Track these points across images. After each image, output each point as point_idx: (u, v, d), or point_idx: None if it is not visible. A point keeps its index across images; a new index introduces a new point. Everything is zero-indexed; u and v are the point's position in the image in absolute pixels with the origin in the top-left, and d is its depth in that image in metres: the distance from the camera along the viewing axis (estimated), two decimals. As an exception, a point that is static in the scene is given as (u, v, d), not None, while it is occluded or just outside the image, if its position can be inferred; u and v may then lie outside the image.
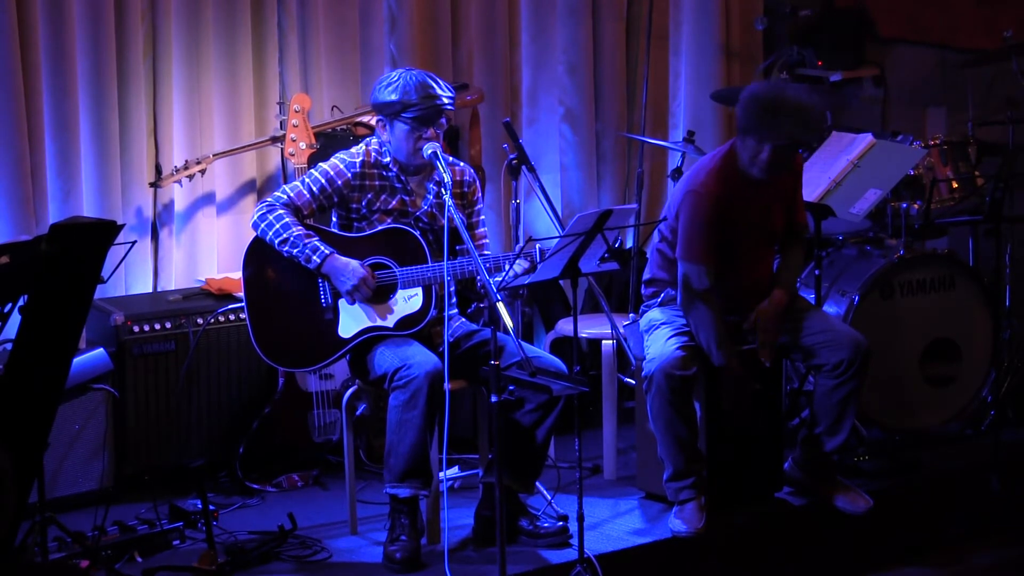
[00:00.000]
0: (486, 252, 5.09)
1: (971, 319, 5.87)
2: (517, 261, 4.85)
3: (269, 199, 4.96)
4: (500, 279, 4.64)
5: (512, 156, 5.29)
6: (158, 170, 5.82)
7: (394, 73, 4.97)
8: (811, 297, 5.51)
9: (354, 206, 5.00)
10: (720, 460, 5.17)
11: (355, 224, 5.01)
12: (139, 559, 4.84)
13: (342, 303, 4.93)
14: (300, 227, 4.90)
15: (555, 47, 6.63)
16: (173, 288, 5.82)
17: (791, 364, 5.58)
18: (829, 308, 5.68)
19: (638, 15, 6.77)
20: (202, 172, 5.73)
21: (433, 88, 4.91)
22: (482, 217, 5.17)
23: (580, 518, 4.60)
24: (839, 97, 6.96)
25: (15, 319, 3.91)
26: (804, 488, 5.30)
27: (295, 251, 4.87)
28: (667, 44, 6.91)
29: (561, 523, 4.97)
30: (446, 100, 4.93)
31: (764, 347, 5.08)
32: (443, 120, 4.97)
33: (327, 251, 4.88)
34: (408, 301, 4.92)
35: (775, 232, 5.19)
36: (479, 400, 5.30)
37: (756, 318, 5.09)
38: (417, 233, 4.94)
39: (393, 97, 4.90)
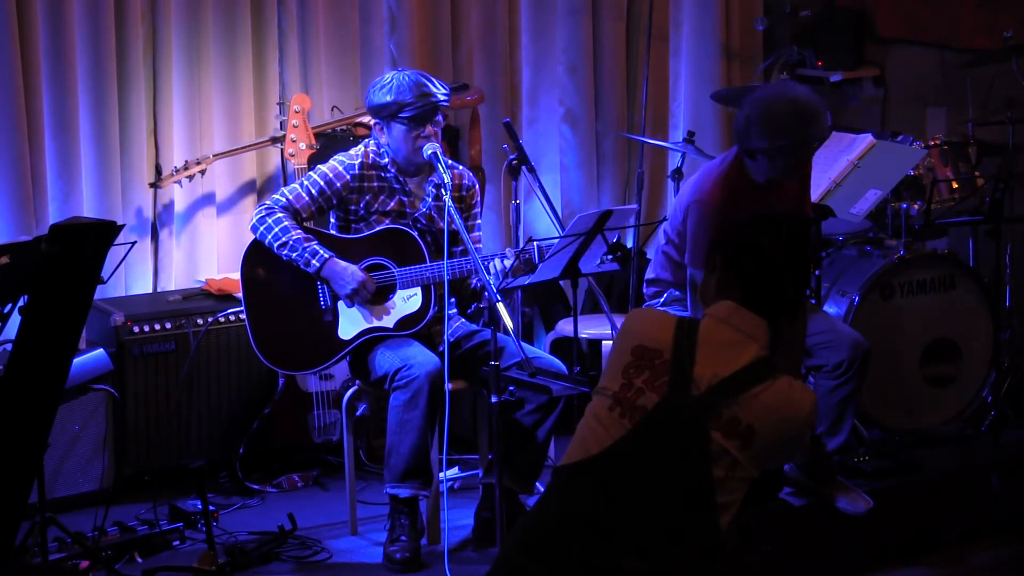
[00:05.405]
0: (479, 257, 5.09)
1: (971, 319, 5.86)
2: (504, 259, 4.82)
3: (268, 202, 4.96)
4: (495, 280, 4.64)
5: (512, 156, 5.27)
6: (158, 170, 5.82)
7: (387, 75, 4.96)
8: (811, 297, 5.50)
9: (352, 207, 4.99)
10: (720, 460, 5.16)
11: (353, 226, 5.01)
12: (139, 560, 4.85)
13: (341, 305, 4.93)
14: (299, 230, 4.89)
15: (555, 47, 6.62)
16: (173, 288, 5.82)
17: (791, 364, 5.57)
18: (829, 308, 5.67)
19: (638, 15, 6.76)
20: (202, 173, 5.73)
21: (427, 86, 4.91)
22: (478, 222, 5.16)
23: (580, 518, 4.60)
24: (839, 97, 6.95)
25: (15, 319, 3.91)
26: (804, 489, 5.28)
27: (294, 255, 4.87)
28: (667, 44, 6.90)
29: (561, 523, 4.96)
30: (441, 97, 4.92)
31: None
32: (440, 117, 4.96)
33: (326, 255, 4.87)
34: (407, 301, 4.92)
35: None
36: (479, 401, 5.30)
37: None
38: (415, 233, 4.94)
39: (388, 98, 4.90)
